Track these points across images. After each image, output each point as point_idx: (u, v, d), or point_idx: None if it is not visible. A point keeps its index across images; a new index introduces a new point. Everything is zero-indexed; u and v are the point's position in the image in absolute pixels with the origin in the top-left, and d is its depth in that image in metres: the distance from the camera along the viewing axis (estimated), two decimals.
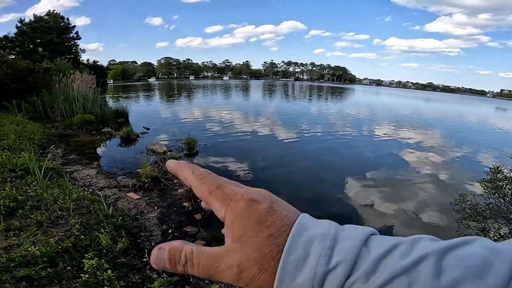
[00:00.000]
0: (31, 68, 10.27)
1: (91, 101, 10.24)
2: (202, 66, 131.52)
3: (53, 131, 8.01)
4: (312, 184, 5.68)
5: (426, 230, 4.21)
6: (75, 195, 3.19)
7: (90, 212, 2.82)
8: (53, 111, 9.77)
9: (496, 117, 30.69)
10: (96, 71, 13.87)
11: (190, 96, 29.61)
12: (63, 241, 2.02)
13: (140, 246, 2.97)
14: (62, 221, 2.50)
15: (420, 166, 7.34)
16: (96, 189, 4.37)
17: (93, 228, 2.42)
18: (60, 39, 21.52)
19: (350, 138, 10.56)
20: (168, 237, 3.31)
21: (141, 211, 3.84)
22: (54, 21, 22.34)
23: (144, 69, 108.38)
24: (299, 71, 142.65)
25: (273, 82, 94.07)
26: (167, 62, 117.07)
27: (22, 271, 1.55)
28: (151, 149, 6.89)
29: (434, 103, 44.00)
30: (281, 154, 7.71)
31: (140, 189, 4.55)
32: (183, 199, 4.29)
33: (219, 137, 9.32)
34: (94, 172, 5.22)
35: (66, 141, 7.33)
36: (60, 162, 5.55)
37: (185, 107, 19.19)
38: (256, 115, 15.17)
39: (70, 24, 23.96)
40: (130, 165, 5.85)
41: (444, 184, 6.24)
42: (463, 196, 3.51)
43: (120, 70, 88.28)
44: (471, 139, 12.63)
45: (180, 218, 3.80)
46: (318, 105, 24.94)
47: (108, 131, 8.68)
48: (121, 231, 2.66)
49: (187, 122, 12.19)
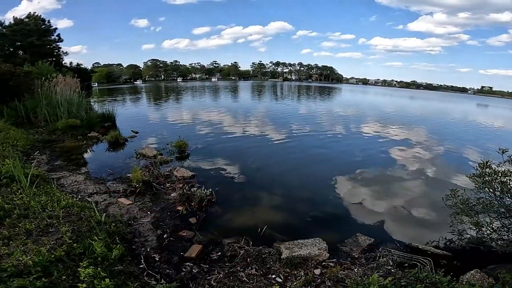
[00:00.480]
0: (12, 71, 9.89)
1: (75, 105, 9.95)
2: (190, 68, 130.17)
3: (37, 137, 7.73)
4: (304, 183, 5.70)
5: (418, 226, 4.29)
6: (64, 202, 3.07)
7: (81, 219, 2.73)
8: (36, 116, 9.44)
9: (479, 113, 31.78)
10: (80, 74, 13.50)
11: (178, 98, 29.26)
12: (55, 250, 1.94)
13: (135, 252, 2.90)
14: (52, 229, 2.40)
15: (408, 163, 7.50)
16: (85, 196, 4.24)
17: (86, 235, 2.33)
18: (41, 42, 20.81)
19: (340, 137, 10.67)
20: (164, 242, 3.24)
21: (134, 217, 3.74)
22: (34, 23, 21.60)
23: (130, 71, 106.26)
24: (287, 71, 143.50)
25: (261, 82, 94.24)
26: (154, 64, 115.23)
27: (16, 282, 1.47)
28: (141, 153, 6.75)
29: (419, 101, 45.14)
30: (272, 154, 7.71)
31: (132, 194, 4.45)
32: (176, 203, 4.21)
33: (210, 139, 9.24)
34: (82, 178, 5.06)
35: (51, 147, 7.08)
36: (45, 169, 5.36)
37: (174, 109, 18.94)
38: (246, 116, 15.13)
39: (51, 26, 23.24)
40: (120, 170, 5.71)
41: (433, 179, 6.39)
42: (454, 191, 3.59)
43: (105, 73, 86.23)
44: (457, 135, 13.01)
45: (174, 223, 3.73)
46: (307, 105, 25.15)
47: (94, 135, 8.45)
48: (115, 237, 2.58)
49: (177, 125, 12.02)
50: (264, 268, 2.87)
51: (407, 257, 3.22)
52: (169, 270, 2.74)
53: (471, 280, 2.65)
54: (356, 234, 3.69)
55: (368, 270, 2.90)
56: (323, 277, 2.73)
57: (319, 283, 2.65)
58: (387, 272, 2.83)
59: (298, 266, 2.91)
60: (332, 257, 3.17)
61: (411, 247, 3.59)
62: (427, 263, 3.07)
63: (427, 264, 3.05)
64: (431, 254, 3.31)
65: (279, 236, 3.59)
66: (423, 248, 3.49)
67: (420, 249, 3.47)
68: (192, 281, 2.62)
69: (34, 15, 22.84)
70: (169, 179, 5.16)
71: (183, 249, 3.13)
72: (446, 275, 2.43)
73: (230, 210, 4.29)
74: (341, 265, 2.99)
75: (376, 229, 4.06)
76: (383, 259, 3.15)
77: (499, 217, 3.23)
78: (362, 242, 3.54)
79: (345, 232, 3.80)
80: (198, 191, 4.41)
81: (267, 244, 3.35)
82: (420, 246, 3.54)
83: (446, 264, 3.13)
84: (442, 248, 3.55)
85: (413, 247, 3.57)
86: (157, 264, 2.80)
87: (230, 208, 4.35)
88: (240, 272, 2.76)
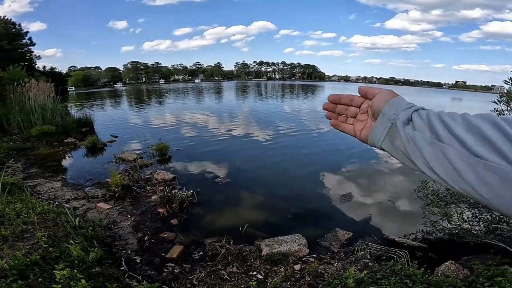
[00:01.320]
0: None
1: (50, 111, 9.61)
2: (172, 70, 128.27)
3: (11, 145, 7.43)
4: (285, 182, 5.80)
5: (397, 219, 4.45)
6: (39, 209, 3.02)
7: (57, 224, 2.70)
8: (9, 123, 9.05)
9: (454, 107, 33.30)
10: (54, 79, 13.04)
11: (160, 101, 28.79)
12: (31, 254, 1.93)
13: (116, 255, 2.89)
14: (27, 234, 2.37)
15: (390, 157, 7.80)
16: (62, 202, 4.15)
17: (62, 240, 2.32)
18: (11, 46, 19.86)
19: (323, 133, 10.91)
20: (145, 244, 3.25)
21: (113, 221, 3.71)
22: (4, 27, 20.58)
23: (109, 74, 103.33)
24: (271, 70, 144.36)
25: (245, 82, 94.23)
26: (134, 67, 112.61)
27: None
28: (120, 158, 6.64)
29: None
30: (255, 154, 7.80)
31: (111, 199, 4.40)
32: (157, 206, 4.21)
33: (192, 141, 9.20)
34: (59, 185, 4.94)
35: (26, 155, 6.84)
36: (21, 177, 5.18)
37: (156, 112, 18.65)
38: (230, 117, 15.15)
39: (22, 30, 22.23)
40: (98, 175, 5.60)
41: (412, 173, 6.69)
42: (424, 182, 3.73)
43: (81, 77, 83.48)
44: None
45: (156, 225, 3.74)
46: (291, 104, 25.44)
47: (71, 141, 8.21)
48: (92, 241, 2.57)
49: (159, 128, 11.87)
50: (245, 265, 2.93)
51: (384, 250, 3.32)
52: (151, 271, 2.76)
53: (445, 271, 2.74)
54: (335, 229, 3.79)
55: (347, 264, 3.00)
56: (303, 272, 2.82)
57: (299, 278, 2.73)
58: (364, 265, 2.92)
59: (279, 263, 2.99)
60: (312, 253, 3.25)
61: (388, 239, 3.71)
62: (403, 255, 3.18)
63: (403, 256, 3.17)
64: (408, 247, 3.44)
65: (260, 234, 3.66)
66: (399, 241, 3.62)
67: (397, 242, 3.60)
68: (174, 281, 2.66)
69: (3, 18, 21.77)
70: (150, 182, 5.13)
71: (164, 251, 3.15)
72: (421, 267, 2.53)
73: (212, 210, 4.33)
74: (320, 260, 3.08)
75: (355, 223, 4.19)
76: (361, 253, 3.24)
77: (470, 207, 3.32)
78: (341, 237, 3.64)
79: (326, 228, 3.89)
80: (179, 192, 4.42)
81: (249, 242, 3.41)
82: (396, 239, 3.67)
83: (422, 256, 3.27)
84: (418, 240, 3.69)
85: (390, 239, 3.70)
86: (138, 266, 2.81)
87: (212, 208, 4.39)
88: (221, 271, 2.82)
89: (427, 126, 0.41)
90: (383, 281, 2.41)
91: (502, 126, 0.34)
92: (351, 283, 2.31)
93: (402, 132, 0.44)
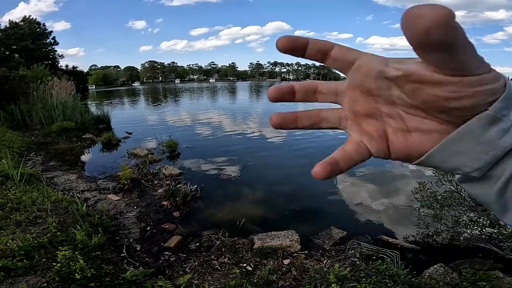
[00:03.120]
0: (7, 75, 10.12)
1: (70, 108, 10.18)
2: (187, 69, 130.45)
3: (32, 139, 7.97)
4: (287, 180, 5.87)
5: (394, 219, 4.46)
6: (54, 198, 3.32)
7: (67, 212, 2.97)
8: (31, 119, 9.67)
9: None
10: (75, 77, 13.73)
11: (176, 100, 29.49)
12: (40, 237, 2.18)
13: (118, 243, 3.14)
14: (40, 220, 2.64)
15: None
16: (76, 193, 4.48)
17: (70, 226, 2.57)
18: (35, 45, 21.05)
19: (330, 134, 10.87)
20: (146, 234, 3.48)
21: (120, 211, 3.98)
22: (29, 27, 21.83)
23: (127, 73, 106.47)
24: (285, 71, 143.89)
25: (259, 83, 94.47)
26: (151, 66, 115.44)
27: None
28: (132, 153, 6.99)
29: None
30: (264, 154, 7.92)
31: (120, 191, 4.69)
32: (162, 199, 4.46)
33: (202, 139, 9.48)
34: (75, 177, 5.30)
35: (46, 149, 7.32)
36: (40, 169, 5.59)
37: (170, 111, 19.17)
38: (242, 117, 15.36)
39: (46, 29, 23.51)
40: (111, 169, 5.94)
41: (413, 171, 6.62)
42: (422, 184, 3.75)
43: (101, 75, 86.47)
44: None
45: (158, 216, 3.97)
46: (304, 105, 25.33)
47: (89, 137, 8.68)
48: (97, 228, 2.82)
49: (172, 126, 12.25)
50: (237, 257, 3.10)
51: (375, 250, 3.35)
52: (148, 259, 2.98)
53: (433, 274, 2.75)
54: (330, 227, 3.87)
55: (336, 262, 3.07)
56: (290, 266, 2.95)
57: (285, 271, 2.86)
58: (351, 264, 2.99)
59: (269, 256, 3.12)
60: (304, 249, 3.34)
61: (382, 240, 3.73)
62: (394, 256, 3.20)
63: (394, 257, 3.18)
64: (400, 248, 3.45)
65: (256, 229, 3.81)
66: (393, 242, 3.63)
67: (390, 243, 3.62)
68: (168, 268, 2.86)
69: (29, 18, 23.09)
70: (157, 177, 5.40)
71: (163, 240, 3.37)
72: (409, 268, 2.57)
73: (213, 205, 4.53)
74: (311, 257, 3.18)
75: (351, 223, 4.23)
76: (351, 251, 3.30)
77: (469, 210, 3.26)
78: (335, 235, 3.70)
79: (321, 225, 3.98)
80: (183, 187, 4.66)
81: (244, 236, 3.57)
82: (390, 240, 3.68)
83: (413, 258, 3.25)
84: (412, 241, 3.70)
85: (383, 240, 3.71)
86: (137, 254, 3.04)
87: (213, 203, 4.59)
88: (213, 261, 3.00)
89: None
90: (364, 279, 2.50)
91: None
92: (332, 278, 2.42)
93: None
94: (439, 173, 3.51)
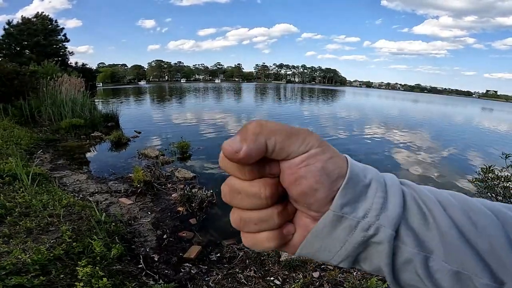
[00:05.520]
0: (18, 71, 10.01)
1: (80, 105, 10.02)
2: (193, 69, 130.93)
3: (40, 136, 7.80)
4: None
5: None
6: (65, 201, 3.09)
7: (81, 218, 2.74)
8: (40, 115, 9.53)
9: (484, 117, 31.53)
10: (84, 74, 13.63)
11: (182, 99, 29.39)
12: (54, 249, 1.95)
13: (134, 252, 2.90)
14: (52, 228, 2.41)
15: (411, 166, 7.45)
16: (86, 195, 4.26)
17: (85, 234, 2.34)
18: (47, 42, 21.08)
19: (342, 139, 10.63)
20: (163, 242, 3.24)
21: (134, 217, 3.75)
22: (41, 23, 21.89)
23: (134, 72, 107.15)
24: (291, 73, 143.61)
25: (265, 84, 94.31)
26: (158, 65, 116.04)
27: (14, 280, 1.47)
28: (143, 153, 6.78)
29: (426, 104, 44.87)
30: None
31: (133, 194, 4.46)
32: (177, 204, 4.22)
33: (213, 140, 9.26)
34: (84, 178, 5.09)
35: (54, 146, 7.14)
36: (48, 168, 5.40)
37: (177, 110, 19.02)
38: (249, 118, 15.15)
39: (58, 26, 23.54)
40: (121, 169, 5.73)
41: (435, 182, 6.34)
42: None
43: (109, 73, 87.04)
44: (461, 139, 12.90)
45: (174, 223, 3.73)
46: (310, 107, 25.12)
47: (97, 135, 8.50)
48: (114, 237, 2.59)
49: (180, 125, 12.07)
50: (263, 270, 2.86)
51: None
52: (168, 271, 2.74)
53: None
54: None
55: (368, 274, 2.87)
56: (322, 280, 2.71)
57: (318, 286, 2.64)
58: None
59: (297, 269, 2.89)
60: None
61: None
62: None
63: None
64: None
65: None
66: None
67: None
68: (190, 282, 2.62)
69: (41, 14, 23.18)
70: (170, 180, 5.17)
71: (182, 250, 3.13)
72: None
73: (230, 211, 4.28)
74: (340, 268, 2.97)
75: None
76: None
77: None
78: None
79: None
80: (199, 192, 4.41)
81: None
82: None
83: None
84: None
85: None
86: (156, 264, 2.80)
87: (231, 209, 4.34)
88: (238, 274, 2.76)
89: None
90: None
91: None
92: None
93: (397, 252, 0.24)
94: (481, 186, 3.29)
